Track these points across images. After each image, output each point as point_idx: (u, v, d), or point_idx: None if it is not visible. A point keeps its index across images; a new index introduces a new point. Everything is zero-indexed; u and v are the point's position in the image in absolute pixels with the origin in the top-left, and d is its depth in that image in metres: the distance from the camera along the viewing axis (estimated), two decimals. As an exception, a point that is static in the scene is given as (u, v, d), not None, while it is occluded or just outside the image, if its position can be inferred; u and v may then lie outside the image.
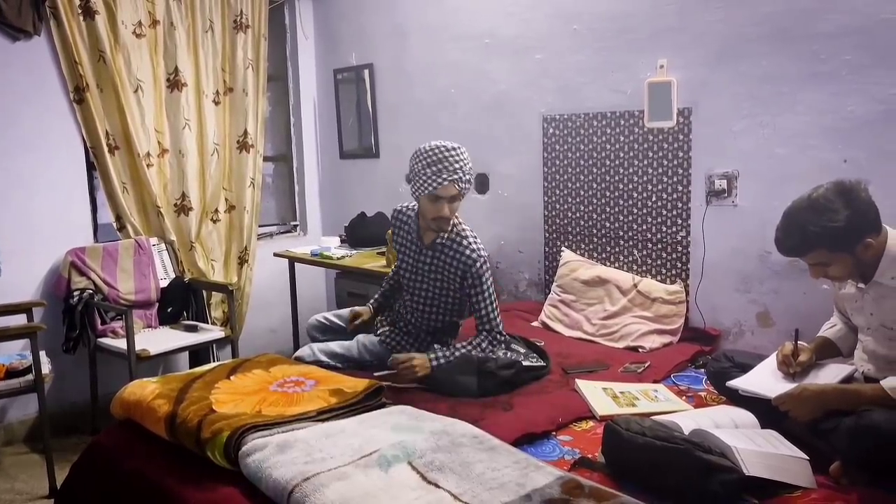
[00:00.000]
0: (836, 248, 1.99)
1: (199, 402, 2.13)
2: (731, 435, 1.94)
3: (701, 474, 1.77)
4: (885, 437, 1.78)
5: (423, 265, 2.74)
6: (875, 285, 2.05)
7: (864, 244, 1.99)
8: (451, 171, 2.53)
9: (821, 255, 2.03)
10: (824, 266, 2.05)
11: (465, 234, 2.69)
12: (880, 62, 2.52)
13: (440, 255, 2.69)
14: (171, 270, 3.88)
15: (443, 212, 2.58)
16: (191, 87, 3.97)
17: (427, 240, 2.73)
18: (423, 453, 1.84)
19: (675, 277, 3.18)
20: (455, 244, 2.66)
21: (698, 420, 2.06)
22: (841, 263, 2.03)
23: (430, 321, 2.83)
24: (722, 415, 2.13)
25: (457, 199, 2.60)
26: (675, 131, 3.08)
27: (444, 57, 3.99)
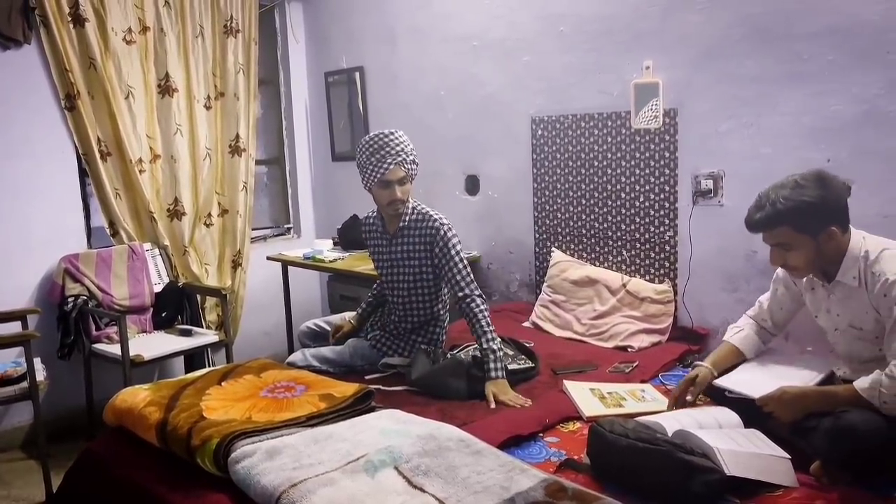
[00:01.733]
0: (801, 227, 2.00)
1: (190, 409, 2.16)
2: (714, 435, 1.97)
3: (683, 475, 1.80)
4: (862, 438, 1.82)
5: (395, 254, 2.83)
6: (839, 285, 2.08)
7: (829, 233, 2.00)
8: (395, 155, 2.67)
9: (785, 234, 2.03)
10: (785, 250, 2.06)
11: (426, 210, 2.81)
12: (861, 62, 2.54)
13: (408, 238, 2.79)
14: (164, 275, 3.90)
15: (395, 195, 2.71)
16: (182, 93, 3.99)
17: (392, 229, 2.83)
18: (410, 458, 1.87)
19: (663, 277, 3.21)
20: (418, 221, 2.78)
21: (682, 420, 2.08)
22: (802, 249, 2.03)
23: (413, 313, 2.87)
24: (705, 415, 2.15)
25: (406, 180, 2.73)
26: (661, 132, 3.11)
27: (433, 59, 4.01)
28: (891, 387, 1.86)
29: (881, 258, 1.98)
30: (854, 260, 2.03)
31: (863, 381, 1.93)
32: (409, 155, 2.73)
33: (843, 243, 2.04)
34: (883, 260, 1.98)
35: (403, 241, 2.81)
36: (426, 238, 2.76)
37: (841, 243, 2.04)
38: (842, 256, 2.04)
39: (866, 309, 2.03)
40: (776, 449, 1.97)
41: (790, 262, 2.08)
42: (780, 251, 2.09)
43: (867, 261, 2.00)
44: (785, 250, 2.07)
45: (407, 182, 2.75)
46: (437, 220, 2.77)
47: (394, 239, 2.84)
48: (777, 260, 2.11)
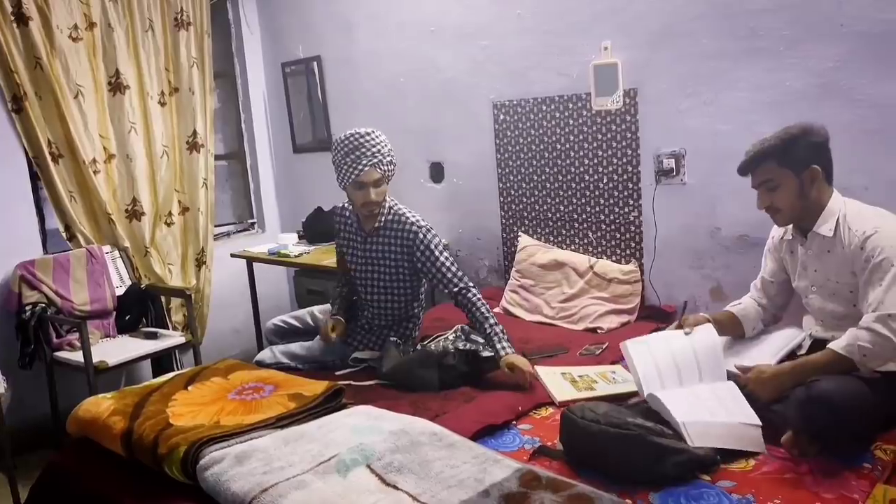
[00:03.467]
0: (784, 161, 2.06)
1: (156, 417, 2.11)
2: (684, 400, 1.99)
3: (653, 458, 1.81)
4: (835, 406, 1.83)
5: (370, 254, 2.76)
6: (816, 238, 2.11)
7: (811, 171, 2.06)
8: (370, 156, 2.58)
9: (770, 170, 2.09)
10: (771, 188, 2.10)
11: (403, 212, 2.72)
12: (815, 36, 2.56)
13: (384, 239, 2.72)
14: (126, 278, 3.82)
15: (369, 197, 2.62)
16: (134, 90, 3.88)
17: (368, 227, 2.76)
18: (382, 455, 1.85)
19: (629, 257, 3.22)
20: (395, 223, 2.71)
21: (663, 368, 2.12)
22: (786, 187, 2.08)
23: (388, 312, 2.82)
24: (683, 349, 2.17)
25: (381, 182, 2.64)
26: (622, 112, 3.11)
27: (391, 46, 3.95)
28: (870, 340, 1.90)
29: (859, 214, 2.04)
30: (832, 213, 2.08)
31: (839, 342, 1.95)
32: (385, 156, 2.62)
33: (824, 193, 2.10)
34: (861, 216, 2.04)
35: (379, 241, 2.73)
36: (404, 241, 2.68)
37: (823, 192, 2.10)
38: (822, 209, 2.10)
39: (842, 264, 2.06)
40: (747, 412, 1.99)
41: (775, 202, 2.12)
42: (765, 192, 2.13)
43: (845, 217, 2.06)
44: (770, 189, 2.11)
45: (383, 183, 2.65)
46: (414, 222, 2.68)
47: (369, 238, 2.76)
48: (763, 201, 2.15)
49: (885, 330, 1.90)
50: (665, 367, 2.14)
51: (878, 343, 1.91)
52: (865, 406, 1.88)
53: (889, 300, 1.92)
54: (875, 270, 1.96)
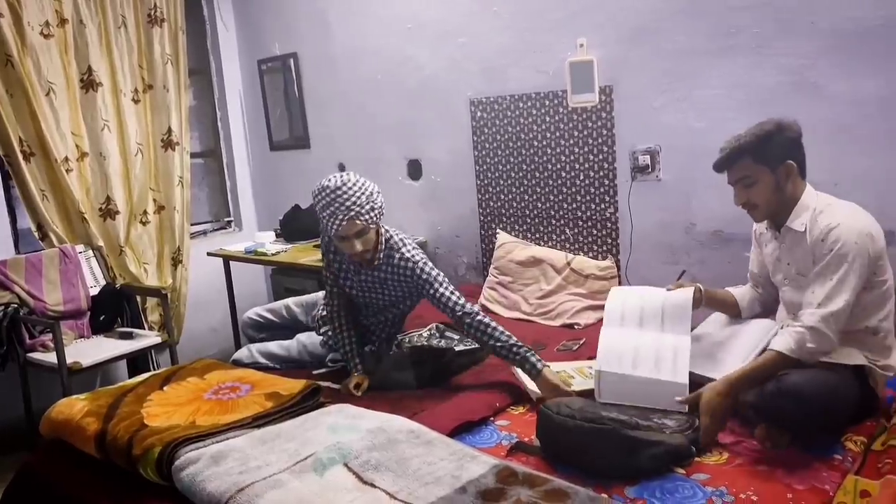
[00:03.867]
0: (760, 157, 2.08)
1: (130, 418, 2.09)
2: (624, 344, 2.15)
3: (628, 451, 1.83)
4: (805, 398, 1.86)
5: (367, 283, 2.63)
6: (789, 232, 2.14)
7: (786, 167, 2.08)
8: (346, 210, 2.38)
9: (746, 167, 2.10)
10: (747, 185, 2.12)
11: (398, 246, 2.57)
12: (787, 34, 2.59)
13: (382, 274, 2.59)
14: (101, 277, 3.77)
15: (355, 249, 2.45)
16: (107, 87, 3.83)
17: (366, 261, 2.59)
18: (360, 453, 1.85)
19: (606, 253, 3.25)
20: (390, 258, 2.56)
21: (629, 309, 2.30)
22: (762, 183, 2.10)
23: (379, 328, 2.77)
24: (654, 300, 2.30)
25: (364, 232, 2.45)
26: (598, 109, 3.12)
27: (368, 43, 3.94)
28: (813, 338, 1.94)
29: (827, 209, 2.07)
30: (805, 208, 2.11)
31: (784, 343, 1.98)
32: (363, 206, 2.40)
33: (798, 187, 2.12)
34: (828, 210, 2.06)
35: (377, 276, 2.60)
36: (404, 280, 2.57)
37: (797, 187, 2.12)
38: (796, 202, 2.12)
39: (808, 257, 2.09)
40: (680, 370, 2.07)
41: (752, 198, 2.14)
42: (742, 188, 2.14)
43: (816, 211, 2.08)
44: (747, 186, 2.13)
45: (367, 232, 2.46)
46: (409, 258, 2.53)
47: (365, 270, 2.62)
48: (740, 198, 2.16)
49: (827, 329, 1.94)
50: (631, 308, 2.31)
51: (821, 341, 1.95)
52: (835, 398, 1.91)
53: (836, 298, 1.95)
54: (829, 263, 1.99)
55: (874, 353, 2.06)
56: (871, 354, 2.06)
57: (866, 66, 2.46)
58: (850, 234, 1.98)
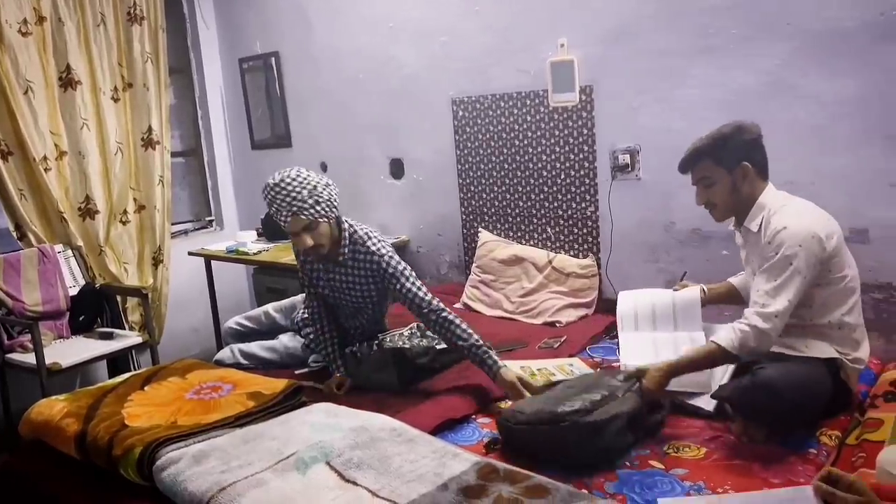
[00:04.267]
0: (718, 159, 2.14)
1: (111, 419, 2.08)
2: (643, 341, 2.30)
3: (591, 436, 1.89)
4: (779, 392, 1.90)
5: (337, 282, 2.63)
6: (748, 233, 2.20)
7: (744, 168, 2.14)
8: (288, 206, 2.37)
9: (705, 168, 2.17)
10: (707, 185, 2.19)
11: (363, 240, 2.55)
12: (763, 34, 2.62)
13: (349, 269, 2.58)
14: (80, 277, 3.74)
15: (306, 244, 2.43)
16: (86, 85, 3.80)
17: (331, 258, 2.59)
18: (342, 452, 1.85)
19: (586, 252, 3.27)
20: (358, 254, 2.55)
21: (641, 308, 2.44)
22: (721, 184, 2.16)
23: (356, 327, 2.78)
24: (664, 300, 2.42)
25: (314, 226, 2.41)
26: (578, 109, 3.15)
27: (350, 42, 3.94)
28: (753, 336, 1.98)
29: (780, 210, 2.12)
30: (761, 208, 2.16)
31: (724, 337, 2.03)
32: (305, 201, 2.37)
33: (757, 188, 2.17)
34: (780, 211, 2.11)
35: (345, 272, 2.59)
36: (371, 273, 2.55)
37: (755, 188, 2.17)
38: (754, 202, 2.17)
39: (761, 254, 2.13)
40: None
41: (711, 198, 2.21)
42: (703, 189, 2.21)
43: (770, 211, 2.14)
44: (707, 186, 2.19)
45: (316, 227, 2.42)
46: (376, 252, 2.51)
47: (334, 267, 2.61)
48: (701, 198, 2.23)
49: (768, 327, 1.98)
50: (643, 311, 2.43)
51: (760, 339, 1.99)
52: (808, 391, 1.95)
53: (778, 298, 1.99)
54: (774, 265, 2.02)
55: (843, 346, 2.11)
56: (841, 348, 2.10)
57: (841, 67, 2.49)
58: (796, 237, 2.01)
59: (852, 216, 2.52)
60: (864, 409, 2.16)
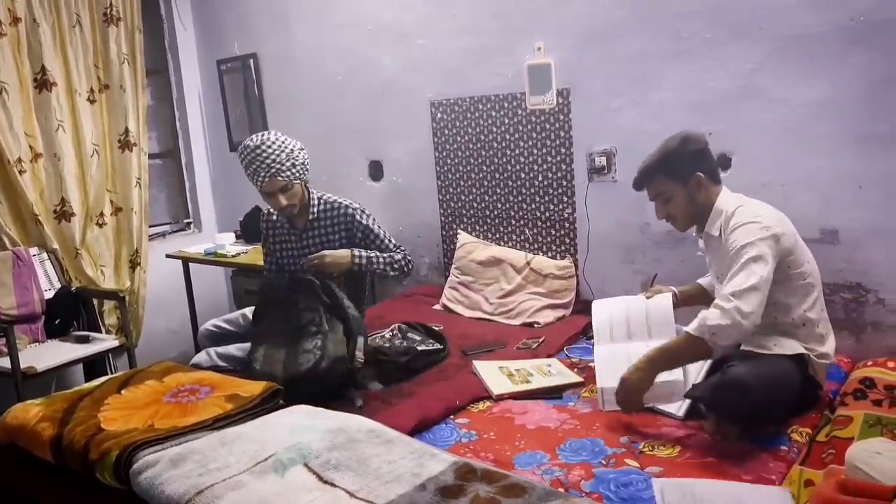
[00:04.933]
0: (671, 174, 2.20)
1: (87, 422, 2.07)
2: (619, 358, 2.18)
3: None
4: (749, 389, 1.93)
5: (309, 249, 2.74)
6: (709, 237, 2.25)
7: (696, 179, 2.19)
8: (266, 168, 2.55)
9: (660, 184, 2.24)
10: (664, 200, 2.25)
11: (332, 199, 2.74)
12: (735, 39, 2.67)
13: (320, 228, 2.71)
14: (56, 280, 3.70)
15: (280, 204, 2.62)
16: (61, 87, 3.76)
17: (301, 223, 2.74)
18: (320, 453, 1.86)
19: (564, 253, 3.30)
20: (328, 211, 2.72)
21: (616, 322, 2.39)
22: (677, 196, 2.22)
23: None
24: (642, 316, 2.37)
25: (288, 188, 2.61)
26: (555, 111, 3.18)
27: (329, 44, 3.94)
28: (712, 316, 2.00)
29: (736, 212, 2.17)
30: (719, 213, 2.21)
31: (691, 324, 2.06)
32: (283, 164, 2.58)
33: (712, 195, 2.23)
34: (737, 213, 2.16)
35: (315, 233, 2.73)
36: (342, 227, 2.70)
37: (710, 194, 2.23)
38: (711, 208, 2.23)
39: (724, 257, 2.17)
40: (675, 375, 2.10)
41: (670, 211, 2.27)
42: (661, 204, 2.27)
43: (728, 214, 2.19)
44: (665, 201, 2.25)
45: (291, 188, 2.63)
46: (349, 205, 2.72)
47: (304, 233, 2.74)
48: (660, 212, 2.30)
49: (726, 304, 1.99)
50: (618, 320, 2.39)
51: (720, 318, 1.98)
52: (777, 386, 1.99)
53: (735, 281, 2.03)
54: (733, 258, 2.08)
55: (809, 342, 2.16)
56: (807, 344, 2.15)
57: (811, 71, 2.54)
58: (746, 233, 2.07)
59: (823, 217, 2.58)
60: (835, 407, 2.21)
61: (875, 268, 2.54)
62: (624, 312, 2.41)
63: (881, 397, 2.14)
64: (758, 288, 2.00)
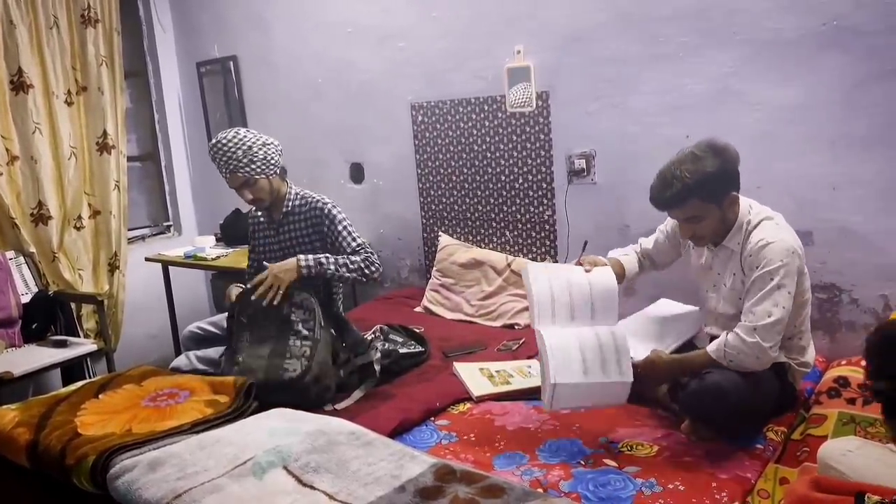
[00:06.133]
0: (708, 197, 2.05)
1: (63, 427, 2.05)
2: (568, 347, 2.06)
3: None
4: (724, 393, 1.96)
5: (284, 242, 2.79)
6: (724, 249, 2.19)
7: (731, 198, 2.10)
8: (226, 164, 2.62)
9: (694, 207, 2.07)
10: (695, 222, 2.12)
11: (308, 194, 2.78)
12: (712, 43, 2.70)
13: (295, 220, 2.76)
14: (33, 284, 3.66)
15: (246, 198, 2.69)
16: (38, 89, 3.72)
17: (277, 215, 2.79)
18: (299, 456, 1.86)
19: (544, 255, 3.32)
20: (302, 206, 2.75)
21: (555, 293, 2.17)
22: (710, 217, 2.10)
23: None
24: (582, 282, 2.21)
25: (252, 182, 2.64)
26: (535, 114, 3.19)
27: (309, 47, 3.94)
28: (733, 346, 2.01)
29: (760, 226, 2.10)
30: (740, 227, 2.13)
31: (711, 345, 2.08)
32: (240, 160, 2.59)
33: (738, 208, 2.14)
34: (760, 227, 2.10)
35: (290, 226, 2.76)
36: (313, 220, 2.72)
37: (737, 209, 2.14)
38: (734, 222, 2.14)
39: (736, 270, 2.15)
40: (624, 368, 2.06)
41: (698, 231, 2.14)
42: (689, 224, 2.13)
43: (749, 226, 2.12)
44: (695, 223, 2.12)
45: (255, 182, 2.64)
46: (320, 199, 2.75)
47: (280, 227, 2.78)
48: (687, 233, 2.17)
49: (749, 338, 1.99)
50: (559, 295, 2.16)
51: (741, 350, 2.00)
52: (754, 394, 2.01)
53: (759, 311, 2.00)
54: (758, 280, 2.03)
55: (791, 353, 2.17)
56: (789, 354, 2.16)
57: (785, 75, 2.58)
58: (778, 254, 2.01)
59: (797, 219, 2.59)
60: (810, 406, 2.24)
61: (849, 268, 2.59)
62: (566, 288, 2.17)
63: (855, 396, 2.17)
64: (781, 321, 1.99)
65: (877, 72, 2.41)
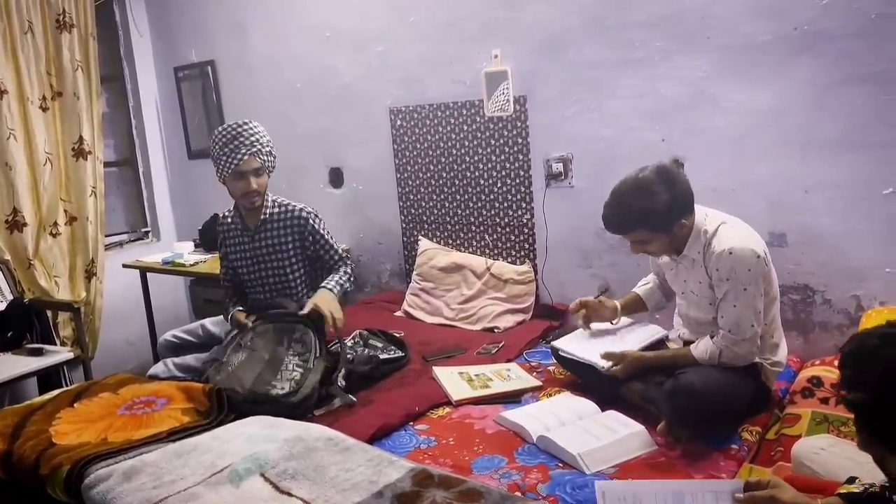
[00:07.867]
0: (656, 228, 2.13)
1: (38, 437, 2.03)
2: (574, 434, 2.07)
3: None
4: (698, 394, 1.99)
5: (260, 250, 2.75)
6: (685, 258, 2.24)
7: (680, 225, 2.15)
8: (249, 145, 2.60)
9: (642, 235, 2.17)
10: (643, 245, 2.21)
11: (286, 202, 2.76)
12: (685, 48, 2.73)
13: (273, 229, 2.72)
14: (8, 292, 3.62)
15: (250, 186, 2.63)
16: (12, 94, 3.68)
17: (253, 223, 2.75)
18: (277, 463, 1.85)
19: (523, 258, 3.34)
20: (281, 213, 2.73)
21: (544, 419, 2.18)
22: (658, 241, 2.18)
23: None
24: (564, 409, 2.27)
25: (262, 172, 2.66)
26: (513, 119, 3.21)
27: (287, 51, 3.93)
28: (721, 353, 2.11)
29: (717, 233, 2.14)
30: (697, 237, 2.18)
31: (698, 348, 2.15)
32: (264, 146, 2.66)
33: (691, 225, 2.19)
34: (718, 235, 2.14)
35: (267, 234, 2.73)
36: (293, 229, 2.71)
37: (690, 225, 2.18)
38: (690, 234, 2.19)
39: (701, 278, 2.20)
40: (630, 424, 2.11)
41: (649, 250, 2.24)
42: (639, 245, 2.22)
43: (707, 234, 2.16)
44: (643, 245, 2.21)
45: (263, 174, 2.68)
46: (302, 208, 2.73)
47: (256, 235, 2.75)
48: (637, 250, 2.25)
49: (735, 347, 2.10)
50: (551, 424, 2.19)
51: (728, 357, 2.12)
52: (728, 394, 2.05)
53: (742, 321, 2.09)
54: (730, 290, 2.09)
55: (763, 353, 2.20)
56: (762, 354, 2.19)
57: (757, 79, 2.61)
58: (741, 263, 2.07)
59: (771, 221, 2.65)
60: (784, 406, 2.27)
61: (821, 269, 2.62)
62: (551, 413, 2.25)
63: (828, 395, 2.20)
64: (755, 326, 2.09)
65: (847, 76, 2.45)
